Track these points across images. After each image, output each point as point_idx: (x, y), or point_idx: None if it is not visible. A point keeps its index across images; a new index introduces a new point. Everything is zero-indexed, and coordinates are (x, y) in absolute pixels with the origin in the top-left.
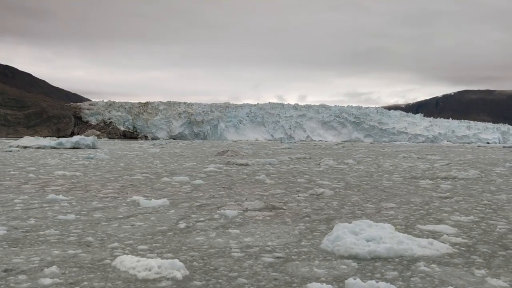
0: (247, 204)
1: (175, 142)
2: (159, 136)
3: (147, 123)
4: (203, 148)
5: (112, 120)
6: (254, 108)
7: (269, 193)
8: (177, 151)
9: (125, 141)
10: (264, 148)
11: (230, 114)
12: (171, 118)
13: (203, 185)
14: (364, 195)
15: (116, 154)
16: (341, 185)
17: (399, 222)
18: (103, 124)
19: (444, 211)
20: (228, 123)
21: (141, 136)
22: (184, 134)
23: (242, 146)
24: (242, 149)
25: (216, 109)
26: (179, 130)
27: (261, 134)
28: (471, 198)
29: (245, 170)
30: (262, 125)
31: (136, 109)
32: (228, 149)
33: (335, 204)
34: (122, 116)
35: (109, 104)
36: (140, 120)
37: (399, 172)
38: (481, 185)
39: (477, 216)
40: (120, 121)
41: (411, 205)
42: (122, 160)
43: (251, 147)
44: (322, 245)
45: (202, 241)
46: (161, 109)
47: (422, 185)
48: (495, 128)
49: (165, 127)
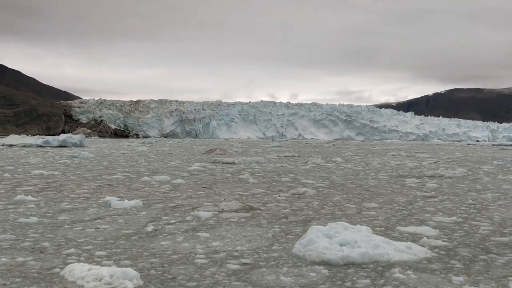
0: (223, 205)
1: (165, 141)
2: (151, 134)
3: (138, 121)
4: (193, 146)
5: (103, 119)
6: (246, 106)
7: (250, 193)
8: (165, 150)
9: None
10: (254, 146)
11: (222, 112)
12: (162, 116)
13: (183, 185)
14: (347, 195)
15: (102, 153)
16: (325, 184)
17: (379, 223)
18: (93, 123)
19: (427, 211)
20: (220, 122)
21: (132, 135)
22: (176, 133)
23: (233, 145)
24: (232, 148)
25: (208, 107)
26: (170, 129)
27: (253, 133)
28: (456, 197)
29: (230, 169)
30: (254, 124)
31: (127, 107)
32: (217, 147)
33: (315, 204)
34: (113, 114)
35: (100, 102)
36: (131, 119)
37: (386, 171)
38: (467, 184)
39: (461, 217)
40: (111, 119)
41: (394, 205)
42: (106, 159)
43: (241, 145)
44: (294, 250)
45: (167, 246)
46: (152, 107)
47: (408, 184)
48: (484, 126)
49: (157, 125)
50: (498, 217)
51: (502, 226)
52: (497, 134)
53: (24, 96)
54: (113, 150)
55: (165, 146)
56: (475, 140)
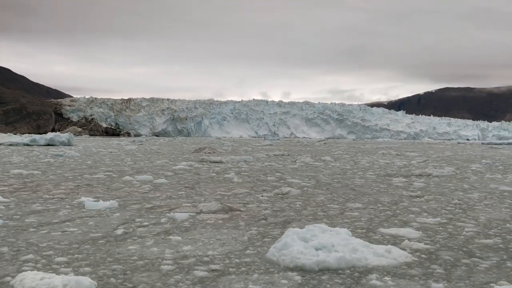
0: (202, 206)
1: (156, 139)
2: (142, 133)
3: (130, 119)
4: (183, 145)
5: (94, 117)
6: (238, 105)
7: (232, 192)
8: (154, 148)
9: (106, 138)
10: (245, 145)
11: (214, 111)
12: (154, 114)
13: (164, 185)
14: (332, 194)
15: (89, 152)
16: (311, 183)
17: (361, 225)
18: (84, 121)
19: (411, 211)
20: (212, 120)
21: (124, 133)
22: (168, 131)
23: (224, 143)
24: (222, 146)
25: (200, 105)
26: (162, 127)
27: (245, 131)
28: (442, 197)
29: (217, 168)
30: (246, 122)
31: (119, 106)
32: (206, 146)
33: (298, 205)
34: (104, 112)
35: (90, 100)
36: (122, 117)
37: (374, 170)
38: (455, 183)
39: (445, 217)
40: (102, 117)
41: (378, 205)
42: (91, 157)
43: (232, 144)
44: (268, 254)
45: (134, 250)
46: (144, 105)
47: (395, 183)
48: (474, 125)
49: (148, 123)
50: (484, 217)
51: (487, 227)
52: (487, 133)
53: (13, 94)
54: (101, 149)
55: (155, 144)
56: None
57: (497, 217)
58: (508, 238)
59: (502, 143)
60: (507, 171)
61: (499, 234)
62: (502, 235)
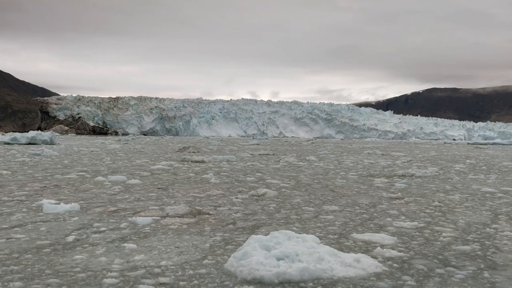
0: (169, 209)
1: (143, 138)
2: (130, 131)
3: (118, 118)
4: (169, 144)
5: (81, 115)
6: (227, 104)
7: (206, 194)
8: (138, 147)
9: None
10: (232, 144)
11: (202, 109)
12: (142, 113)
13: (137, 186)
14: (309, 196)
15: (70, 150)
16: (290, 184)
17: (334, 229)
18: (71, 119)
19: (389, 214)
20: (201, 119)
21: (111, 132)
22: (156, 130)
23: (210, 142)
24: (208, 145)
25: (188, 104)
26: (150, 126)
27: (234, 130)
28: (422, 198)
29: (197, 168)
30: (235, 121)
31: (106, 104)
32: (191, 145)
33: (272, 208)
34: (91, 111)
35: (78, 98)
36: (110, 116)
37: (358, 170)
38: (437, 184)
39: (424, 221)
40: (90, 116)
41: (356, 208)
42: (70, 156)
43: (218, 143)
44: (227, 265)
45: (80, 261)
46: (132, 104)
47: (376, 184)
48: (461, 125)
49: (136, 122)
50: (463, 221)
51: (465, 231)
52: (472, 133)
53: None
54: (83, 148)
55: (140, 143)
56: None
57: (477, 221)
58: (486, 244)
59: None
60: (490, 172)
61: (477, 240)
62: (480, 241)
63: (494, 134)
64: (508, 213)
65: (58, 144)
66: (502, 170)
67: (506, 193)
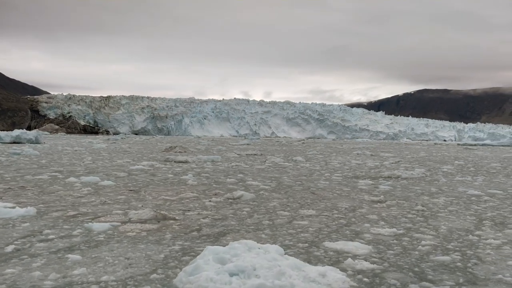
0: (133, 214)
1: (132, 137)
2: (121, 131)
3: (109, 117)
4: (157, 143)
5: (72, 114)
6: (219, 104)
7: (179, 197)
8: (124, 147)
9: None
10: (221, 144)
11: (195, 109)
12: (133, 112)
13: (108, 187)
14: (288, 199)
15: (53, 150)
16: (271, 186)
17: (306, 237)
18: (62, 118)
19: (368, 220)
20: (193, 119)
21: (103, 131)
22: (147, 129)
23: (200, 142)
24: (198, 145)
25: (180, 104)
26: (142, 125)
27: (226, 130)
28: (405, 202)
29: (178, 169)
30: (228, 121)
31: (97, 103)
32: (178, 145)
33: (245, 212)
34: (82, 110)
35: (68, 97)
36: (101, 115)
37: (343, 171)
38: (422, 186)
39: (404, 227)
40: (80, 115)
41: (334, 212)
42: (50, 156)
43: (208, 143)
44: (176, 280)
45: (10, 275)
46: (123, 103)
47: (359, 186)
48: (451, 126)
49: (128, 121)
50: (445, 227)
51: (446, 239)
52: (463, 134)
53: None
54: (68, 147)
55: (128, 143)
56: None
57: (460, 226)
58: (468, 254)
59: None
60: (477, 173)
61: (458, 249)
62: (462, 250)
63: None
64: (493, 218)
65: (44, 143)
66: (490, 171)
67: (493, 196)
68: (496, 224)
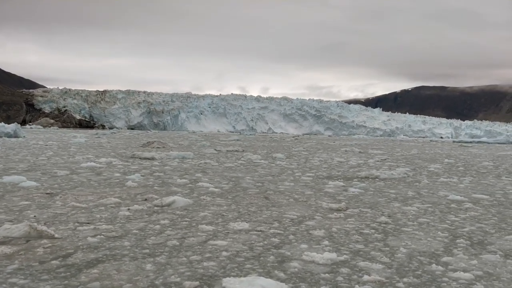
0: (3, 229)
1: (123, 132)
2: (117, 125)
3: (105, 112)
4: (143, 138)
5: (67, 108)
6: (216, 99)
7: (97, 203)
8: (103, 142)
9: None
10: (210, 140)
11: (191, 104)
12: (129, 107)
13: (23, 190)
14: (229, 207)
15: (23, 145)
16: (223, 188)
17: (205, 268)
18: (57, 112)
19: (310, 237)
20: (189, 114)
21: (98, 126)
22: (143, 124)
23: (190, 137)
24: (184, 140)
25: (177, 99)
26: (138, 120)
27: (223, 126)
28: (370, 210)
29: (134, 167)
30: (224, 117)
31: (93, 98)
32: (156, 140)
33: (157, 227)
34: (78, 104)
35: (64, 91)
36: (97, 109)
37: (319, 170)
38: (399, 189)
39: (351, 250)
40: (76, 109)
41: (273, 226)
42: (10, 151)
43: (197, 138)
44: None
45: None
46: (119, 98)
47: (326, 189)
48: (448, 123)
49: (124, 116)
50: (405, 249)
51: (400, 271)
52: (459, 131)
53: None
54: (41, 142)
55: (114, 137)
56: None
57: (425, 249)
58: None
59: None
60: (466, 173)
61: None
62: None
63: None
64: (471, 235)
65: (23, 137)
66: (479, 171)
67: (476, 203)
68: (473, 244)
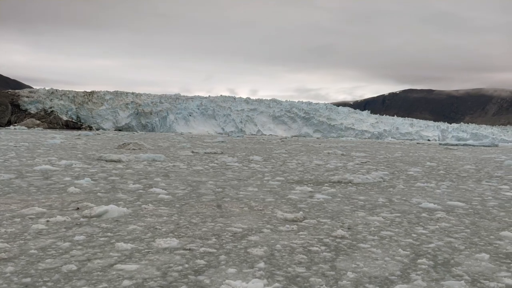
0: None
1: (107, 133)
2: (105, 127)
3: (92, 113)
4: (123, 140)
5: (54, 109)
6: (205, 101)
7: (15, 214)
8: (79, 143)
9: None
10: (194, 141)
11: (180, 106)
12: (117, 108)
13: None
14: (169, 218)
15: None
16: (177, 195)
17: None
18: (43, 113)
19: (245, 257)
20: (178, 115)
21: (85, 127)
22: (131, 126)
23: (173, 138)
24: (165, 141)
25: (165, 100)
26: (126, 121)
27: (211, 127)
28: (329, 221)
29: (92, 170)
30: (213, 118)
31: (81, 98)
32: (132, 141)
33: (66, 245)
34: (65, 105)
35: (51, 92)
36: (84, 110)
37: (292, 173)
38: (370, 195)
39: (287, 275)
40: (63, 110)
41: (209, 242)
42: None
43: (180, 139)
44: None
45: None
46: (107, 99)
47: (291, 195)
48: (435, 126)
49: (111, 117)
50: (353, 275)
51: None
52: (446, 134)
53: None
54: (13, 143)
55: (94, 139)
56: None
57: (377, 273)
58: None
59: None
60: (445, 177)
61: None
62: None
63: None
64: (436, 253)
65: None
66: (460, 175)
67: (450, 212)
68: (436, 265)
